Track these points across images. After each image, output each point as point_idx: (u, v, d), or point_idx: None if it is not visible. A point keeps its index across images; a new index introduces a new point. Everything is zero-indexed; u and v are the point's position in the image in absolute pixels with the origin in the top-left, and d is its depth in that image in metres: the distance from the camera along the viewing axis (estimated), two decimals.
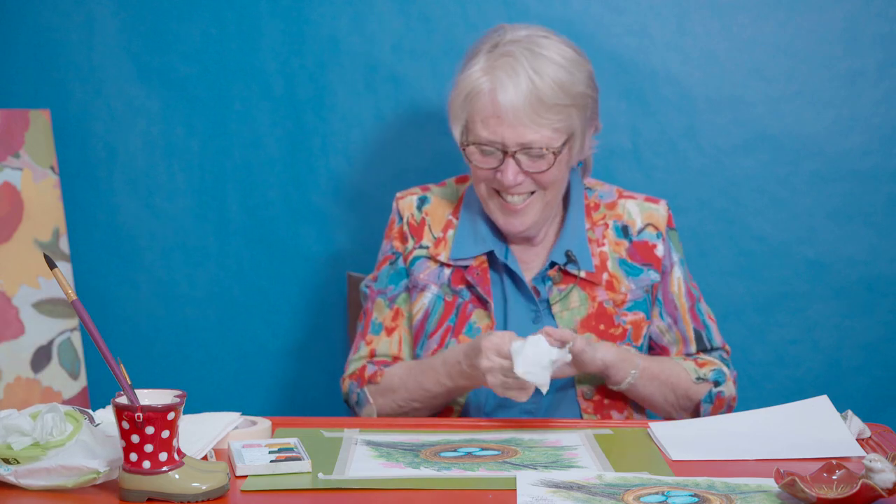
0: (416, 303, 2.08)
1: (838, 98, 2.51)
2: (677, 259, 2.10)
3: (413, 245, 2.10)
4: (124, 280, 2.61)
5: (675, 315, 2.08)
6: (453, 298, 2.06)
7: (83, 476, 1.45)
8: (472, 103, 1.97)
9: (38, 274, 2.37)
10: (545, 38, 1.99)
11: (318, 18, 2.55)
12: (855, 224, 2.52)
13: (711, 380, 2.03)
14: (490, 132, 1.96)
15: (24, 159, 2.39)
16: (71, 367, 2.39)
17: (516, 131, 1.94)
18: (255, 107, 2.57)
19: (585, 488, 1.46)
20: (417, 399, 1.99)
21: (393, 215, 2.14)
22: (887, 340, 2.54)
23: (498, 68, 1.95)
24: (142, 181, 2.60)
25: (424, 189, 2.16)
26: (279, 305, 2.61)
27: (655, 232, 2.07)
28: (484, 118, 1.96)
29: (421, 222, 2.11)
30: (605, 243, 2.06)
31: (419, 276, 2.08)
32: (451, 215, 2.11)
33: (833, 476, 1.44)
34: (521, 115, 1.93)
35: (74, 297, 1.44)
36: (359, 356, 2.10)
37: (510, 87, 1.93)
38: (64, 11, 2.56)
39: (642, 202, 2.10)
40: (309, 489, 1.48)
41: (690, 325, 2.09)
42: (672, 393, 2.00)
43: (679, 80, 2.52)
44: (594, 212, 2.09)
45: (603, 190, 2.12)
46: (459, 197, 2.13)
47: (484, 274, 2.04)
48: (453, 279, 2.06)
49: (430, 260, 2.08)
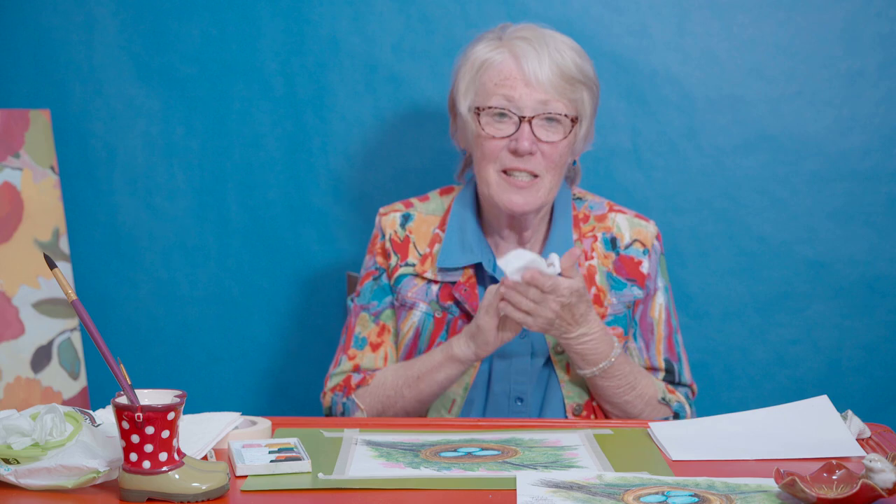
0: (406, 321, 2.07)
1: (838, 98, 2.51)
2: (662, 285, 2.09)
3: (397, 262, 2.08)
4: (124, 280, 2.61)
5: (649, 341, 2.07)
6: (443, 315, 2.05)
7: (83, 476, 1.45)
8: (487, 72, 1.99)
9: (38, 274, 2.37)
10: (552, 34, 2.03)
11: (318, 18, 2.55)
12: (855, 224, 2.52)
13: (674, 409, 2.03)
14: (509, 89, 1.96)
15: (24, 159, 2.39)
16: (71, 367, 2.39)
17: (537, 92, 1.96)
18: (255, 107, 2.57)
19: (585, 488, 1.46)
20: (406, 384, 1.99)
21: (376, 230, 2.12)
22: (887, 340, 2.54)
23: (516, 46, 1.98)
24: (142, 181, 2.60)
25: (407, 205, 2.13)
26: (279, 305, 2.61)
27: (642, 248, 2.07)
28: (500, 81, 1.97)
29: (405, 240, 2.09)
30: (593, 256, 2.06)
31: (407, 294, 2.07)
32: (437, 229, 2.09)
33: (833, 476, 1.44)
34: (543, 80, 1.96)
35: (74, 297, 1.44)
36: (340, 370, 2.08)
37: (533, 56, 1.96)
38: (64, 11, 2.56)
39: (632, 218, 2.10)
40: (309, 489, 1.48)
41: (662, 355, 2.08)
42: (639, 399, 1.99)
43: (679, 80, 2.52)
44: (583, 223, 2.08)
45: (593, 201, 2.12)
46: (446, 209, 2.11)
47: (472, 290, 2.04)
48: (441, 295, 2.05)
49: (416, 277, 2.07)
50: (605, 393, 1.98)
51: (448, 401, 2.04)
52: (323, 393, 2.09)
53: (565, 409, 2.02)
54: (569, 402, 2.01)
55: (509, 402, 2.02)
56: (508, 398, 2.01)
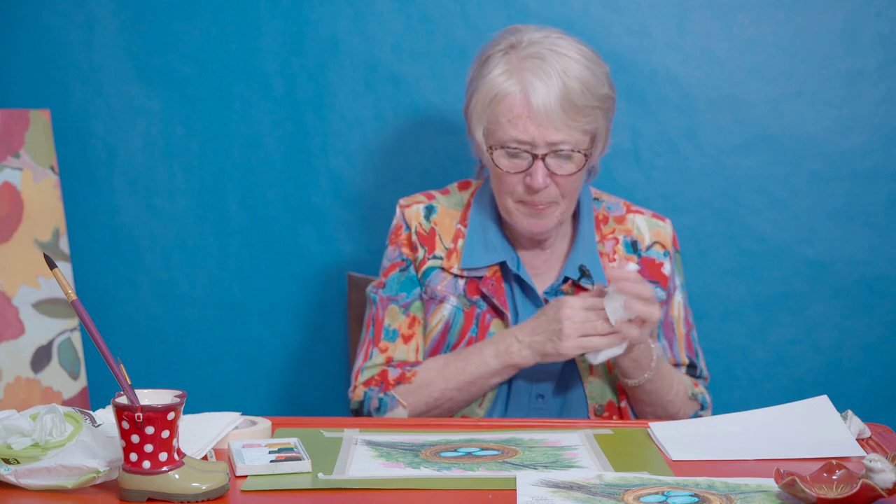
0: (435, 314, 2.06)
1: (838, 98, 2.51)
2: (679, 283, 2.11)
3: (425, 255, 2.07)
4: (124, 280, 2.61)
5: (672, 339, 2.09)
6: (471, 309, 2.05)
7: (83, 476, 1.45)
8: (499, 105, 1.95)
9: (38, 274, 2.36)
10: (562, 38, 1.98)
11: (318, 18, 2.55)
12: (855, 224, 2.52)
13: (700, 402, 2.05)
14: (520, 131, 1.93)
15: (24, 159, 2.39)
16: (71, 367, 2.39)
17: (547, 132, 1.93)
18: (255, 107, 2.57)
19: (585, 488, 1.46)
20: (457, 387, 1.97)
21: (398, 221, 2.10)
22: (887, 340, 2.54)
23: (526, 70, 1.93)
24: (142, 181, 2.60)
25: (429, 197, 2.12)
26: (279, 305, 2.61)
27: (663, 250, 2.08)
28: (512, 118, 1.94)
29: (431, 232, 2.08)
30: (616, 258, 2.06)
31: (437, 287, 2.06)
32: (459, 224, 2.09)
33: (833, 476, 1.44)
34: (553, 116, 1.92)
35: (74, 297, 1.44)
36: (372, 363, 2.05)
37: (541, 88, 1.92)
38: (64, 11, 2.56)
39: (650, 218, 2.10)
40: (309, 489, 1.48)
41: (684, 352, 2.09)
42: (677, 397, 2.00)
43: (679, 80, 2.52)
44: (603, 225, 2.09)
45: (610, 202, 2.12)
46: (465, 204, 2.11)
47: (498, 284, 2.04)
48: (468, 289, 2.05)
49: (443, 271, 2.06)
50: (653, 396, 1.99)
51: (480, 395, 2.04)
52: (353, 387, 2.06)
53: (588, 409, 2.02)
54: (591, 402, 2.01)
55: (530, 399, 2.02)
56: (529, 395, 2.02)
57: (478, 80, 1.99)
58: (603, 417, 2.02)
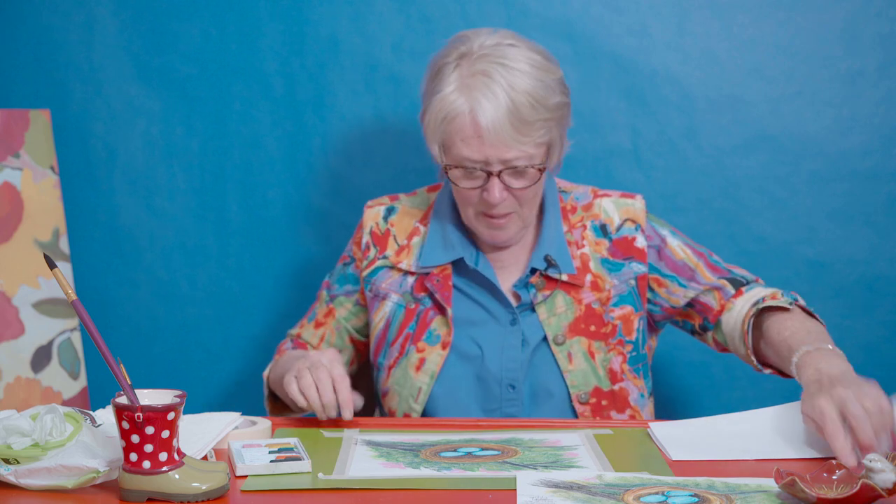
0: (378, 312, 2.09)
1: (838, 98, 2.51)
2: (666, 232, 2.10)
3: (376, 255, 2.11)
4: (124, 280, 2.61)
5: (693, 275, 2.07)
6: (415, 306, 2.07)
7: (83, 476, 1.45)
8: (450, 125, 1.94)
9: (38, 274, 2.36)
10: (513, 46, 1.95)
11: (318, 18, 2.55)
12: (855, 224, 2.52)
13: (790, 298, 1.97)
14: (472, 151, 1.93)
15: (24, 159, 2.39)
16: (71, 367, 2.39)
17: (499, 150, 1.92)
18: (255, 107, 2.57)
19: (585, 488, 1.46)
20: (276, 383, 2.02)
21: (360, 221, 2.17)
22: (887, 340, 2.54)
23: (474, 88, 1.91)
24: (142, 181, 2.60)
25: (393, 199, 2.18)
26: (279, 305, 2.61)
27: (634, 225, 2.08)
28: (464, 138, 1.93)
29: (385, 233, 2.13)
30: (584, 244, 2.06)
31: (381, 285, 2.10)
32: (418, 223, 2.12)
33: (833, 476, 1.44)
34: (503, 134, 1.90)
35: (74, 297, 1.44)
36: (288, 333, 2.20)
37: (489, 108, 1.90)
38: (64, 11, 2.56)
39: (618, 199, 2.10)
40: (309, 489, 1.48)
41: (714, 277, 2.06)
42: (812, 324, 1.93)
43: (679, 80, 2.52)
44: (571, 214, 2.09)
45: (578, 192, 2.13)
46: (429, 205, 2.14)
47: (445, 280, 2.04)
48: (416, 287, 2.07)
49: (392, 269, 2.10)
50: None
51: (415, 390, 2.03)
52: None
53: (570, 398, 2.01)
54: (574, 391, 2.01)
55: (501, 390, 2.02)
56: (500, 385, 2.02)
57: (430, 95, 1.98)
58: (590, 404, 2.01)
